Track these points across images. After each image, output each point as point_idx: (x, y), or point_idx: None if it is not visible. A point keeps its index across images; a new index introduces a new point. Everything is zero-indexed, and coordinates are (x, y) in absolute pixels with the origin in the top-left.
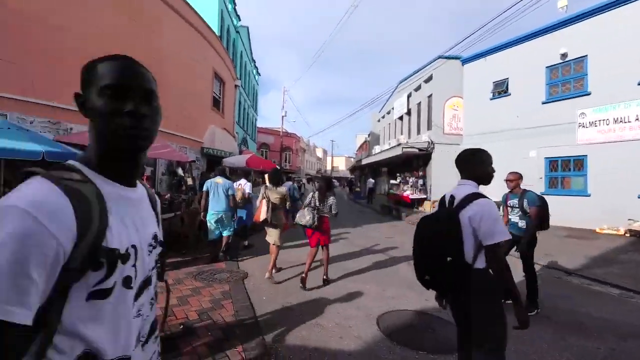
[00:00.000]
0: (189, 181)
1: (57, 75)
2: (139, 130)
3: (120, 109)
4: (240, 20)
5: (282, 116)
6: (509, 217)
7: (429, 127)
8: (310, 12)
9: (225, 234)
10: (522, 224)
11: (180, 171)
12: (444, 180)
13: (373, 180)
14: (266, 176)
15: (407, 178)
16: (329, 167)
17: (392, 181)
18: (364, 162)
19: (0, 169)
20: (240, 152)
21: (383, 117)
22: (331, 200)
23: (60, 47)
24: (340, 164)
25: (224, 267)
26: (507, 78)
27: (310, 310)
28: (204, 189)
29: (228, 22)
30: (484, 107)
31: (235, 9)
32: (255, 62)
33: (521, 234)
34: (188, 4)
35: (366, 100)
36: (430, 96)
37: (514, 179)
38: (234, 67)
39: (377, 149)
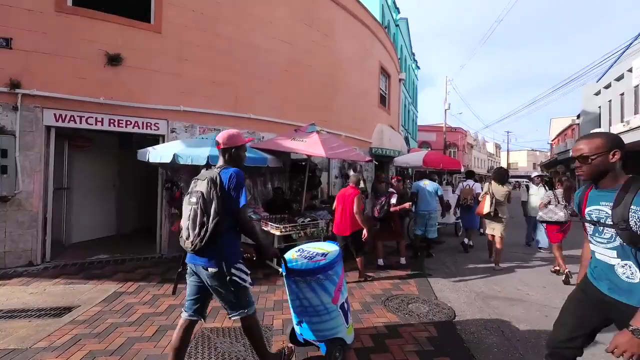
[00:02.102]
0: (361, 184)
1: (254, 89)
2: None
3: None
4: (399, 12)
5: (445, 109)
6: None
7: None
8: None
9: (430, 236)
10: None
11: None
12: None
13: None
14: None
15: None
16: (503, 164)
17: None
18: None
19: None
20: (408, 151)
21: (607, 87)
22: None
23: (255, 63)
24: (519, 160)
25: (417, 293)
26: None
27: None
28: (413, 190)
29: (388, 17)
30: None
31: (394, 2)
32: (414, 55)
33: None
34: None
35: (556, 78)
36: None
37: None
38: (397, 59)
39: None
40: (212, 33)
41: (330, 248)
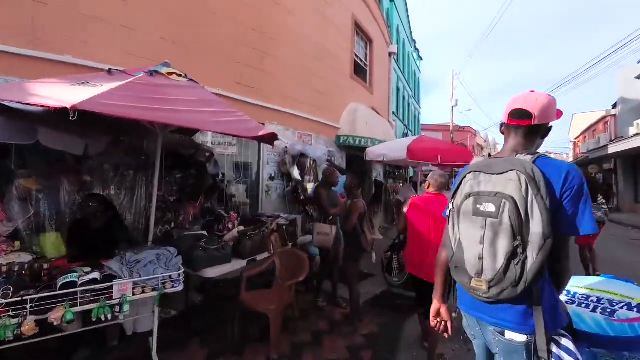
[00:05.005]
0: (309, 188)
1: (84, 13)
2: None
3: None
4: None
5: (452, 106)
6: None
7: None
8: None
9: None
10: None
11: (296, 173)
12: None
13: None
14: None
15: None
16: None
17: None
18: (613, 149)
19: None
20: None
21: None
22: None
23: None
24: None
25: None
26: None
27: None
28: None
29: None
30: None
31: None
32: (415, 42)
33: None
34: None
35: (570, 75)
36: None
37: None
38: (386, 26)
39: None
40: None
41: (635, 293)
